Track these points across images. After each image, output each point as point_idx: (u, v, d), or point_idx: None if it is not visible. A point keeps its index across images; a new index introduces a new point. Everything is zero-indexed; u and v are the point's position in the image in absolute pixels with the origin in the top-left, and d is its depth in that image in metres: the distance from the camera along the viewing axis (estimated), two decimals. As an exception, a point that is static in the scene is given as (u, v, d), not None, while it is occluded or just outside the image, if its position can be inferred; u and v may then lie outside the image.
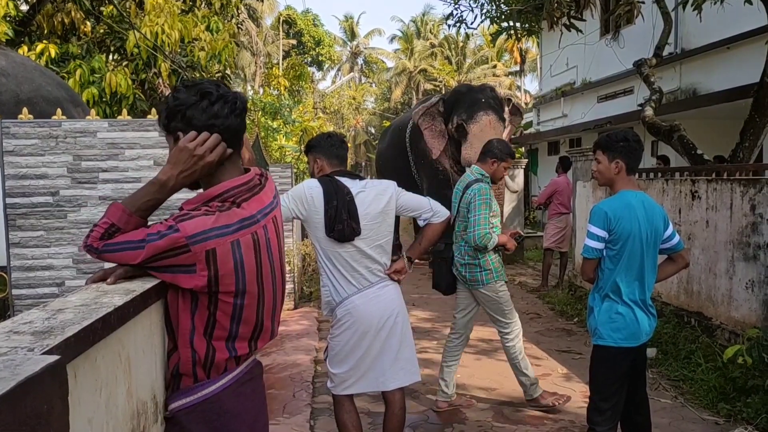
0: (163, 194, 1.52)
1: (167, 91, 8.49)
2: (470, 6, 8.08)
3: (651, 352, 4.87)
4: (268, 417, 1.79)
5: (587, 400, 2.95)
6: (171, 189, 1.52)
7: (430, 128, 9.67)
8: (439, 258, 4.40)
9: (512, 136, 13.07)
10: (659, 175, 6.19)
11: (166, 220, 1.46)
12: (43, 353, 0.91)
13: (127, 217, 1.49)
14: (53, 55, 7.68)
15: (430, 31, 38.32)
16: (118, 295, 1.30)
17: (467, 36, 32.86)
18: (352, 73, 42.13)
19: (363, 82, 42.98)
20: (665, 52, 7.96)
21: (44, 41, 7.89)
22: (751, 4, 5.73)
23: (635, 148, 2.78)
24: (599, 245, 2.74)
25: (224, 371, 1.55)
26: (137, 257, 1.42)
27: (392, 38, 41.90)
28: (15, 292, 4.07)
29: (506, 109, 9.83)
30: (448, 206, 3.32)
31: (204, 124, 1.51)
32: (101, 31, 9.00)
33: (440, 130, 9.63)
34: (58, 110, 4.25)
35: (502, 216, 10.02)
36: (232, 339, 1.54)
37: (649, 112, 6.85)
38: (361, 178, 2.91)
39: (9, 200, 4.01)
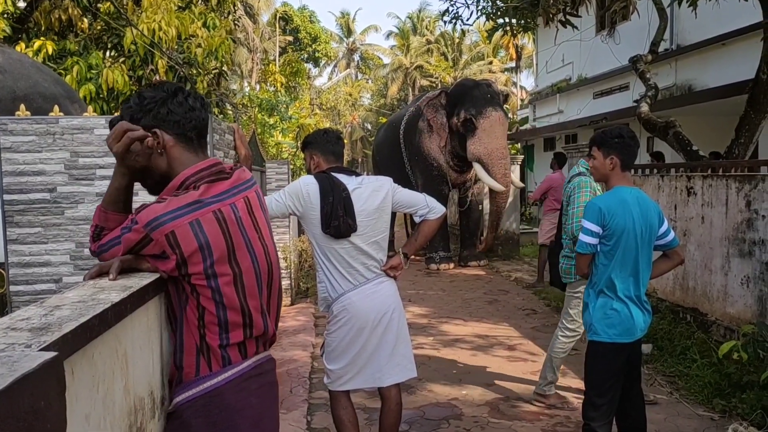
0: (118, 182, 1.57)
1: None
2: (466, 2, 8.07)
3: (646, 348, 4.90)
4: (278, 415, 1.77)
5: (583, 395, 2.97)
6: (120, 175, 1.57)
7: (433, 119, 9.71)
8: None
9: (508, 132, 13.11)
10: (655, 171, 6.21)
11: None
12: (41, 350, 0.91)
13: (104, 214, 1.58)
14: (50, 51, 7.66)
15: (426, 28, 38.25)
16: (115, 291, 1.30)
17: (463, 32, 32.81)
18: (348, 70, 42.07)
19: (359, 78, 42.91)
20: (661, 49, 7.98)
21: (41, 38, 7.87)
22: (746, 0, 5.75)
23: (630, 144, 2.79)
24: (593, 240, 2.75)
25: (228, 364, 1.55)
26: (118, 253, 1.51)
27: (388, 34, 41.75)
28: (12, 288, 4.07)
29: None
30: (444, 202, 3.33)
31: (183, 118, 1.58)
32: (98, 27, 8.98)
33: (441, 123, 9.66)
34: (56, 107, 4.24)
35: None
36: (224, 327, 1.53)
37: (644, 108, 6.87)
38: (358, 175, 2.91)
39: (6, 197, 4.01)
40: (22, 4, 8.56)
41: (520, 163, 11.60)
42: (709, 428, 3.66)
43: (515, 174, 11.24)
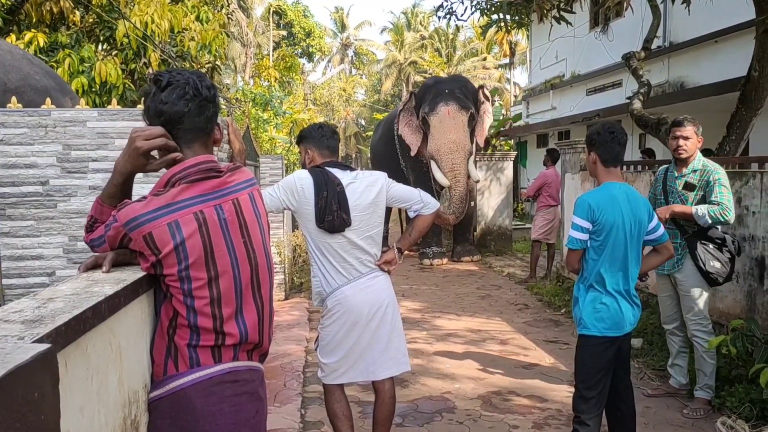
0: (119, 179, 1.56)
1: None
2: (460, -3, 8.04)
3: (636, 342, 4.94)
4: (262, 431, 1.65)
5: (573, 389, 2.99)
6: (121, 174, 1.56)
7: (408, 124, 9.70)
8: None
9: (501, 129, 13.15)
10: (646, 167, 6.24)
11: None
12: (34, 342, 0.91)
13: (100, 207, 1.58)
14: (42, 44, 7.61)
15: (420, 23, 38.20)
16: (108, 284, 1.30)
17: (457, 28, 32.82)
18: (342, 65, 41.97)
19: (353, 73, 42.83)
20: (654, 46, 7.99)
21: (33, 30, 7.80)
22: (738, -3, 5.77)
23: (607, 140, 2.80)
24: (583, 236, 2.78)
25: (197, 366, 1.49)
26: (106, 248, 1.52)
27: (382, 30, 41.67)
28: (5, 281, 4.06)
29: (480, 98, 9.79)
30: (436, 198, 3.33)
31: (154, 112, 1.55)
32: (90, 20, 8.91)
33: (416, 125, 9.66)
34: (48, 99, 4.21)
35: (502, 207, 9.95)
36: (195, 331, 1.48)
37: (637, 105, 6.90)
38: (352, 169, 2.91)
39: None
40: (12, -5, 8.47)
41: (513, 159, 11.61)
42: (698, 421, 3.70)
43: (508, 171, 11.27)
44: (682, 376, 4.10)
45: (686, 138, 3.85)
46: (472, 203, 10.53)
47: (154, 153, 1.56)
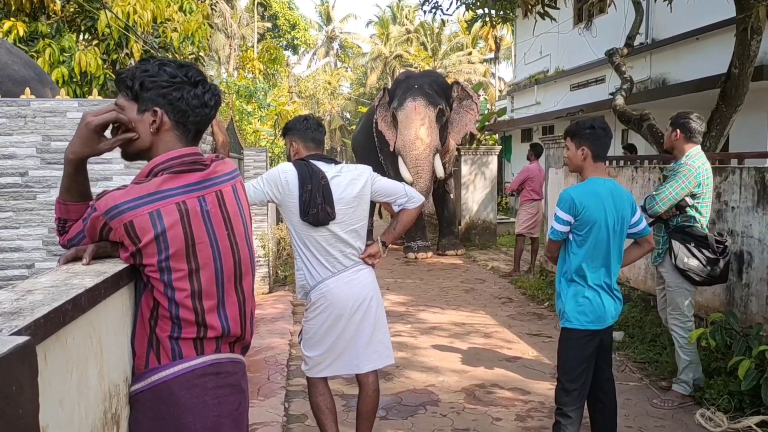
0: (70, 169, 1.48)
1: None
2: (446, -9, 8.06)
3: (618, 335, 5.01)
4: (245, 424, 1.65)
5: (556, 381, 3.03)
6: (72, 161, 1.47)
7: (384, 119, 9.71)
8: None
9: (486, 123, 13.19)
10: (628, 163, 6.31)
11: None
12: (12, 334, 0.90)
13: (63, 206, 1.51)
14: (21, 33, 7.47)
15: (406, 17, 38.11)
16: (89, 276, 1.28)
17: (443, 22, 32.78)
18: (327, 58, 41.76)
19: (338, 66, 42.62)
20: (636, 42, 8.08)
21: (12, 19, 7.65)
22: (720, -5, 5.84)
23: (601, 135, 2.83)
24: (564, 228, 2.82)
25: (179, 358, 1.48)
26: (87, 243, 1.48)
27: (368, 23, 41.55)
28: None
29: (454, 94, 9.76)
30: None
31: (185, 103, 1.52)
32: (71, 9, 8.77)
33: (390, 120, 9.66)
34: (27, 89, 4.14)
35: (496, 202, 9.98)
36: (176, 323, 1.47)
37: (620, 101, 6.97)
38: (337, 163, 2.91)
39: None
40: (-10, -17, 8.29)
41: (497, 153, 11.66)
42: (678, 413, 3.76)
43: (492, 165, 11.32)
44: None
45: (668, 130, 3.91)
46: (452, 196, 10.57)
47: (107, 134, 1.52)
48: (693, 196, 3.76)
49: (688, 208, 3.75)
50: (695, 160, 3.77)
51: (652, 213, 3.79)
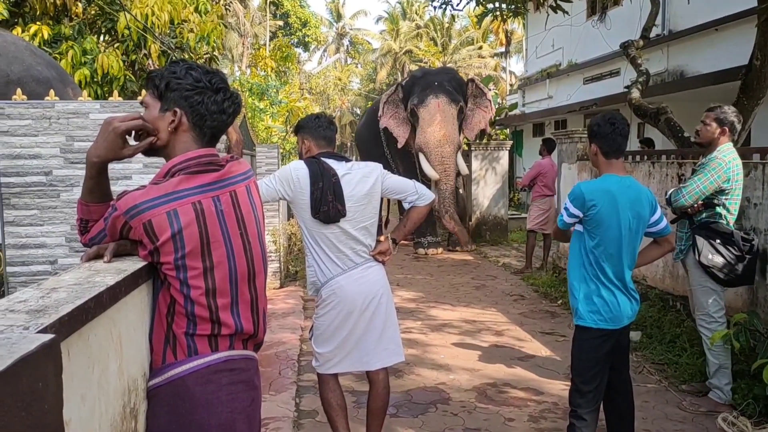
0: (93, 171, 1.53)
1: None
2: (457, -13, 8.02)
3: (635, 335, 4.88)
4: (257, 422, 1.67)
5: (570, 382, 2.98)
6: (95, 163, 1.53)
7: (395, 116, 9.67)
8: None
9: (497, 117, 13.13)
10: (645, 158, 6.21)
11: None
12: (38, 332, 0.92)
13: (85, 207, 1.56)
14: (46, 36, 7.71)
15: (416, 12, 37.95)
16: (110, 274, 1.31)
17: (453, 17, 32.64)
18: (337, 54, 41.73)
19: (349, 63, 42.59)
20: (652, 34, 7.97)
21: (37, 23, 7.86)
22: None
23: (607, 132, 2.75)
24: (571, 220, 2.81)
25: (195, 354, 1.51)
26: (108, 242, 1.52)
27: (378, 19, 41.45)
28: (9, 269, 4.20)
29: (469, 91, 9.74)
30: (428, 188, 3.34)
31: (204, 108, 1.57)
32: (92, 12, 8.99)
33: (403, 117, 9.63)
34: (51, 91, 4.31)
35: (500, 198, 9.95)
36: (192, 320, 1.50)
37: (635, 94, 6.87)
38: (348, 160, 2.92)
39: (3, 179, 4.12)
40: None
41: (509, 148, 11.60)
42: (698, 416, 3.65)
43: (503, 160, 11.27)
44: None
45: (704, 123, 3.82)
46: (461, 191, 10.55)
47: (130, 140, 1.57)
48: (722, 191, 3.65)
49: (717, 207, 3.64)
50: (726, 154, 3.68)
51: (677, 206, 3.71)
